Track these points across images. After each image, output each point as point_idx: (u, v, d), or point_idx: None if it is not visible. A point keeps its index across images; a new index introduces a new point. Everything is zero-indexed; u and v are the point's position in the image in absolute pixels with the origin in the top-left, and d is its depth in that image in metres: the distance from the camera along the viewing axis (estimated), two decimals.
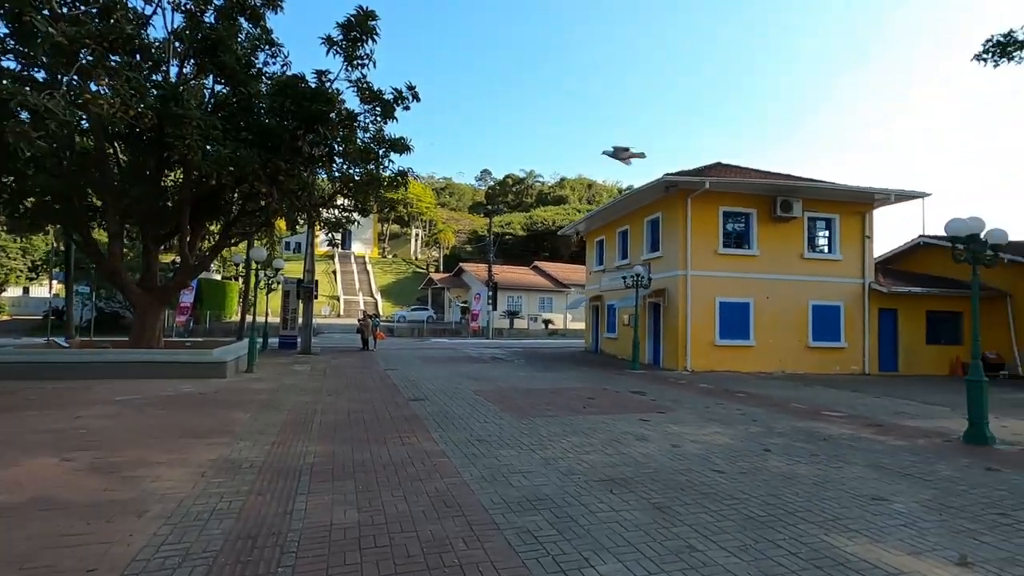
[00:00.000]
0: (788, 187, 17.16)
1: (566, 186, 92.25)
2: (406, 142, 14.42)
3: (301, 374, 14.06)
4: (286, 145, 12.80)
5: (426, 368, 16.09)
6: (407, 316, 46.27)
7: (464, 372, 15.17)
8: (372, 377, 13.73)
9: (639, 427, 8.20)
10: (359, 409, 9.20)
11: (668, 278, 17.63)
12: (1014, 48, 11.21)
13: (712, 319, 17.17)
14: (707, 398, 11.40)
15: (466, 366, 16.97)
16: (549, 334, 42.58)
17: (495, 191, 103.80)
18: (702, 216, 17.27)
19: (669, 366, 17.40)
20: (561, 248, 61.51)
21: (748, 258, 17.57)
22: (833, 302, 18.01)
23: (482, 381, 13.26)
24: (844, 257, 18.16)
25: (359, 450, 6.51)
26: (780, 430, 8.28)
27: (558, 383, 13.31)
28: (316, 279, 21.53)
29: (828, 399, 11.95)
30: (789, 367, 17.47)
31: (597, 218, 23.72)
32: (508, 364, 18.10)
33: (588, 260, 26.24)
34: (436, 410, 9.26)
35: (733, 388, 13.23)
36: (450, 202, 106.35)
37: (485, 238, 62.07)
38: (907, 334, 18.60)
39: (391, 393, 11.09)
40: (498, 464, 6.04)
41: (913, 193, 17.60)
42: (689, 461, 6.35)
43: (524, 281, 47.38)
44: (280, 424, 7.88)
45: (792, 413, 9.89)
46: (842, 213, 18.21)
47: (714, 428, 8.28)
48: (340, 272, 60.94)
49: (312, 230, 20.00)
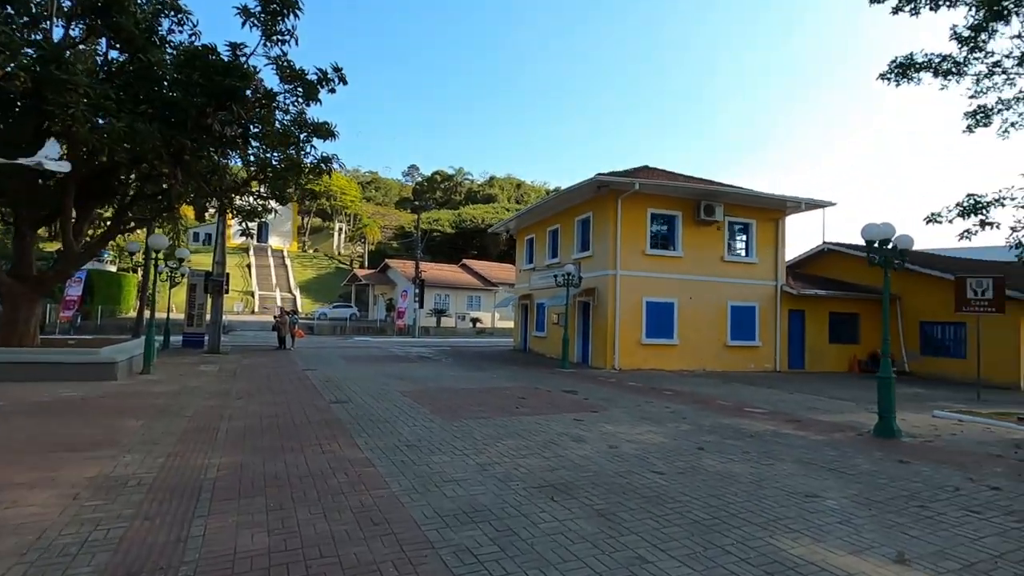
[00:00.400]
0: (712, 192, 17.84)
1: (495, 185, 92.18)
2: (331, 128, 13.51)
3: (207, 375, 12.80)
4: (193, 122, 11.54)
5: (349, 368, 15.21)
6: (329, 313, 44.21)
7: (390, 372, 14.46)
8: (289, 378, 12.74)
9: (574, 428, 8.01)
10: (273, 413, 8.37)
11: (598, 277, 17.79)
12: (913, 70, 12.15)
13: (639, 318, 17.51)
14: (637, 396, 11.48)
15: (392, 365, 16.24)
16: (477, 333, 42.21)
17: (423, 187, 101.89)
18: (631, 217, 17.56)
19: (597, 364, 17.55)
20: (490, 247, 61.32)
21: (673, 259, 18.08)
22: (749, 303, 18.93)
23: (409, 381, 12.66)
24: (760, 260, 19.15)
25: (272, 460, 5.81)
26: (709, 427, 8.39)
27: (489, 383, 12.96)
28: (227, 272, 19.88)
29: (748, 396, 12.41)
30: (709, 365, 18.15)
31: (528, 216, 23.64)
32: (436, 363, 17.53)
33: (518, 258, 26.13)
34: (360, 413, 8.61)
35: (660, 386, 13.47)
36: (376, 196, 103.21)
37: (412, 234, 60.66)
38: (813, 334, 19.91)
39: (310, 395, 10.26)
40: (430, 472, 5.58)
41: (821, 202, 18.85)
42: (628, 462, 6.19)
43: (452, 279, 46.71)
44: (179, 433, 6.96)
45: (718, 410, 10.12)
46: (758, 219, 19.18)
47: (647, 427, 8.24)
48: (256, 266, 57.34)
49: (224, 219, 18.42)
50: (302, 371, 14.12)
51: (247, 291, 51.61)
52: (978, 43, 12.03)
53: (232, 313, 44.14)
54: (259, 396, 9.95)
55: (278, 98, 12.90)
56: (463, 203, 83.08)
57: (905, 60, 12.09)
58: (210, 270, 19.38)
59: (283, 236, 71.58)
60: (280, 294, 51.02)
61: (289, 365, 15.52)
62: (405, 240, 62.46)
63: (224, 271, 18.81)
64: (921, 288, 19.58)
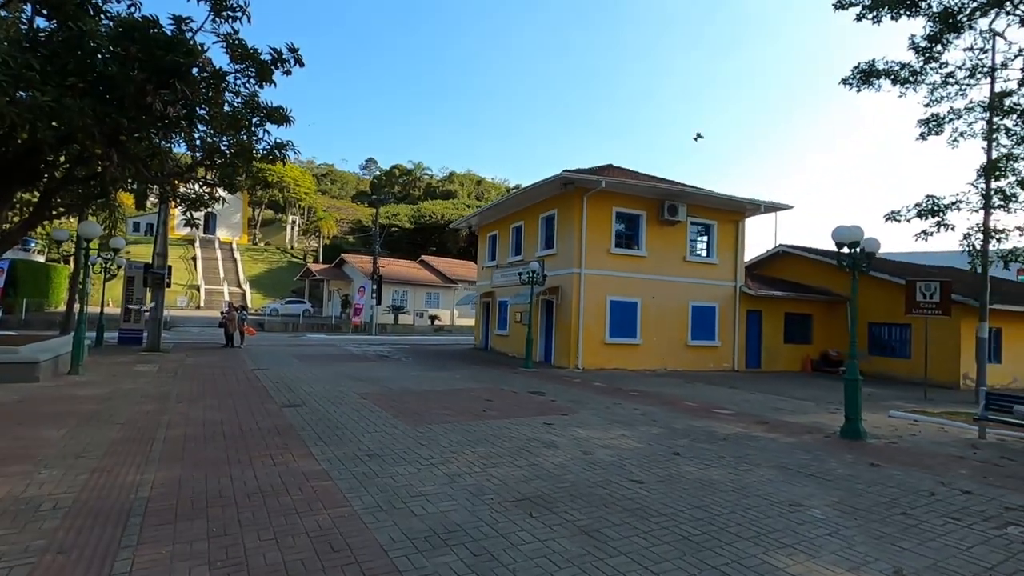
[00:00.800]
0: (676, 192, 17.90)
1: (455, 181, 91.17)
2: (285, 112, 12.66)
3: (145, 376, 11.80)
4: (131, 99, 10.52)
5: (303, 368, 14.41)
6: (280, 309, 42.48)
7: (347, 372, 13.78)
8: (237, 379, 11.90)
9: (545, 432, 7.67)
10: (218, 420, 7.67)
11: (562, 276, 17.56)
12: (875, 77, 12.42)
13: (603, 318, 17.39)
14: (604, 397, 11.27)
15: (349, 365, 15.51)
16: (435, 330, 41.49)
17: (381, 181, 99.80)
18: (597, 215, 17.41)
19: (561, 364, 17.34)
20: (449, 243, 60.52)
21: (637, 259, 18.05)
22: (709, 303, 19.14)
23: (368, 382, 12.05)
24: (720, 261, 19.39)
25: (216, 475, 5.21)
26: (682, 430, 8.22)
27: (452, 383, 12.50)
28: (170, 264, 18.59)
29: (712, 396, 12.41)
30: (671, 365, 18.24)
31: (491, 212, 23.22)
32: (396, 363, 16.90)
33: (480, 255, 25.67)
34: (316, 418, 8.01)
35: (625, 386, 13.33)
36: (332, 189, 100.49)
37: (370, 228, 59.23)
38: (769, 334, 20.34)
39: (260, 398, 9.54)
40: (395, 485, 5.12)
41: (780, 205, 19.25)
42: (605, 471, 5.90)
43: (410, 275, 45.76)
44: (107, 444, 6.21)
45: (686, 412, 10.01)
46: (719, 220, 19.41)
47: (619, 431, 8.00)
48: (202, 259, 54.58)
49: (166, 208, 17.17)
50: (251, 371, 13.26)
51: (192, 285, 49.07)
52: (933, 54, 12.40)
53: (176, 308, 41.85)
54: (202, 400, 9.16)
55: (228, 78, 12.01)
56: (422, 198, 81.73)
57: (867, 67, 12.34)
58: (150, 262, 18.05)
59: (232, 228, 68.57)
60: (228, 289, 48.74)
61: (237, 364, 14.58)
62: (362, 234, 60.96)
63: (166, 263, 17.55)
64: (870, 290, 20.28)
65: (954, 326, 17.60)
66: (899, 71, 12.33)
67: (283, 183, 71.42)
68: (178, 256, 55.53)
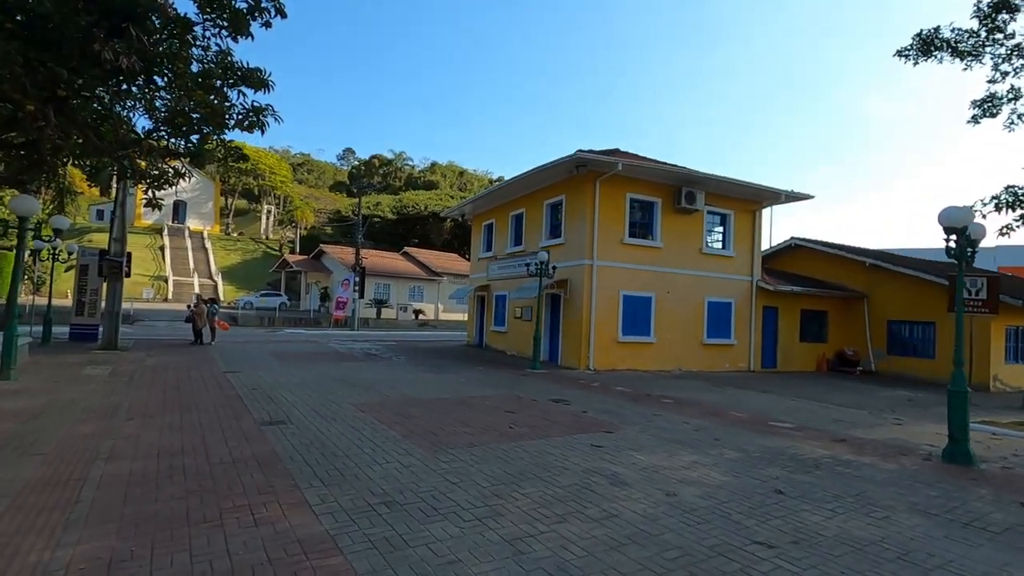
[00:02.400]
0: (694, 177, 16.43)
1: (437, 171, 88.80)
2: (263, 76, 10.81)
3: (93, 381, 9.88)
4: (74, 47, 8.60)
5: (283, 369, 12.59)
6: (255, 302, 40.14)
7: (335, 374, 12.02)
8: (205, 384, 10.06)
9: (599, 459, 6.11)
10: (177, 447, 5.91)
11: (571, 268, 16.00)
12: (935, 47, 11.10)
13: (616, 314, 15.91)
14: (638, 407, 9.76)
15: (336, 366, 13.73)
16: (420, 325, 39.68)
17: (360, 171, 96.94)
18: (610, 202, 15.89)
19: (569, 364, 15.81)
20: (432, 235, 58.55)
21: (652, 250, 16.60)
22: (726, 299, 17.82)
23: (362, 388, 10.33)
24: (736, 254, 18.07)
25: (167, 549, 3.51)
26: (757, 454, 6.74)
27: (458, 389, 10.85)
28: (129, 251, 16.49)
29: (755, 404, 11.03)
30: (685, 365, 16.88)
31: (487, 200, 21.48)
32: (387, 363, 15.16)
33: (474, 246, 23.95)
34: (306, 441, 6.31)
35: (651, 391, 11.87)
36: (308, 179, 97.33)
37: (349, 219, 56.87)
38: (785, 332, 19.14)
39: (233, 412, 7.77)
40: (436, 562, 3.49)
41: (801, 195, 17.97)
42: (709, 524, 4.36)
43: (393, 267, 43.76)
44: (15, 491, 4.44)
45: (742, 426, 8.56)
46: (736, 210, 18.08)
47: (688, 455, 6.48)
48: (171, 248, 51.64)
49: (125, 186, 15.07)
50: (223, 374, 11.41)
51: (160, 276, 46.24)
52: (997, 23, 11.12)
53: (141, 300, 39.19)
54: (160, 416, 7.35)
55: (195, 29, 10.10)
56: (403, 189, 79.27)
57: (930, 34, 11.01)
58: (106, 248, 15.93)
59: (204, 217, 65.42)
60: (199, 280, 46.04)
61: (206, 365, 12.69)
62: (341, 223, 58.52)
63: (124, 249, 15.45)
64: (888, 287, 19.26)
65: (984, 325, 16.61)
66: (962, 40, 11.03)
67: (258, 171, 68.50)
68: (144, 246, 52.53)
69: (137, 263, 47.83)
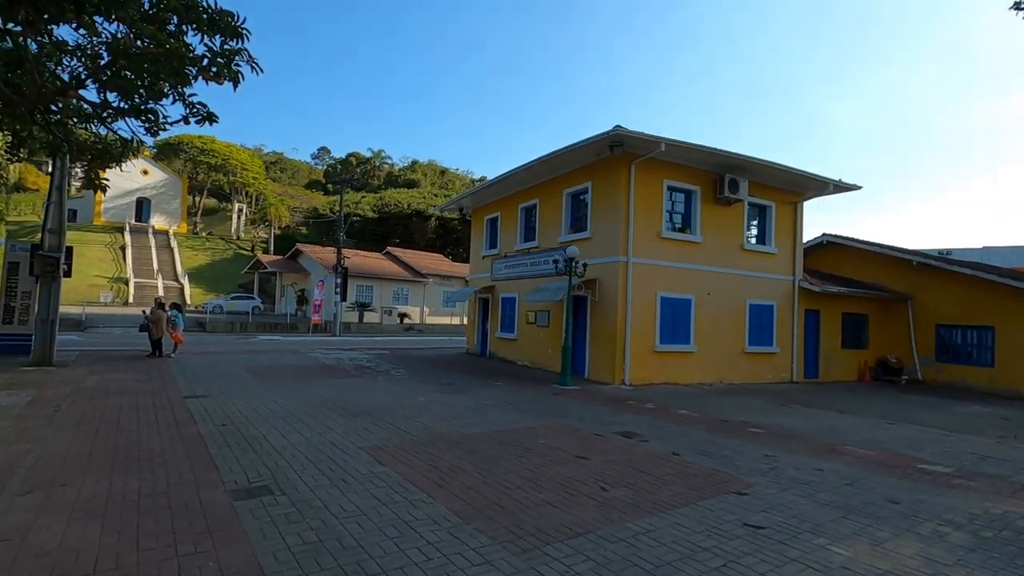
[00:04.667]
0: (739, 163, 14.33)
1: (418, 170, 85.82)
2: (236, 22, 8.28)
3: (2, 416, 7.24)
4: None
5: (262, 391, 10.05)
6: (226, 306, 36.97)
7: (328, 397, 9.54)
8: (157, 418, 7.51)
9: (780, 556, 3.86)
10: (90, 555, 3.45)
11: (601, 266, 13.77)
12: None
13: (653, 319, 13.74)
14: (730, 441, 7.56)
15: (326, 384, 11.23)
16: (405, 330, 37.07)
17: (336, 170, 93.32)
18: (646, 190, 13.73)
19: (600, 378, 13.58)
20: (416, 234, 55.84)
21: (691, 245, 14.49)
22: (767, 301, 15.82)
23: (368, 419, 7.90)
24: (779, 250, 16.10)
25: None
26: (982, 530, 4.57)
27: (489, 416, 8.50)
28: (71, 247, 13.68)
29: (855, 432, 8.94)
30: (727, 377, 14.80)
31: (491, 190, 19.07)
32: (386, 377, 12.70)
33: (474, 243, 21.57)
34: (309, 540, 3.90)
35: (720, 414, 9.71)
36: (282, 178, 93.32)
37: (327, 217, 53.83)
38: (827, 337, 17.25)
39: (193, 471, 5.28)
40: None
41: (849, 185, 16.08)
42: None
43: (376, 268, 41.01)
44: None
45: (887, 470, 6.42)
46: (777, 201, 16.12)
47: (894, 540, 4.26)
48: (132, 248, 47.87)
49: (63, 163, 12.29)
50: (182, 400, 8.83)
51: (119, 278, 42.57)
52: None
53: (98, 304, 35.66)
54: (77, 484, 4.82)
55: None
56: (382, 188, 76.22)
57: None
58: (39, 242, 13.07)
59: (170, 215, 61.44)
60: (163, 282, 42.52)
61: (163, 386, 10.06)
62: (318, 219, 55.34)
63: (62, 242, 12.64)
64: (937, 287, 17.54)
65: None
66: None
67: (228, 166, 64.79)
68: (103, 244, 48.67)
69: (94, 264, 44.06)
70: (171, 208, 62.14)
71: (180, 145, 62.93)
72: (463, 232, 58.24)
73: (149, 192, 61.07)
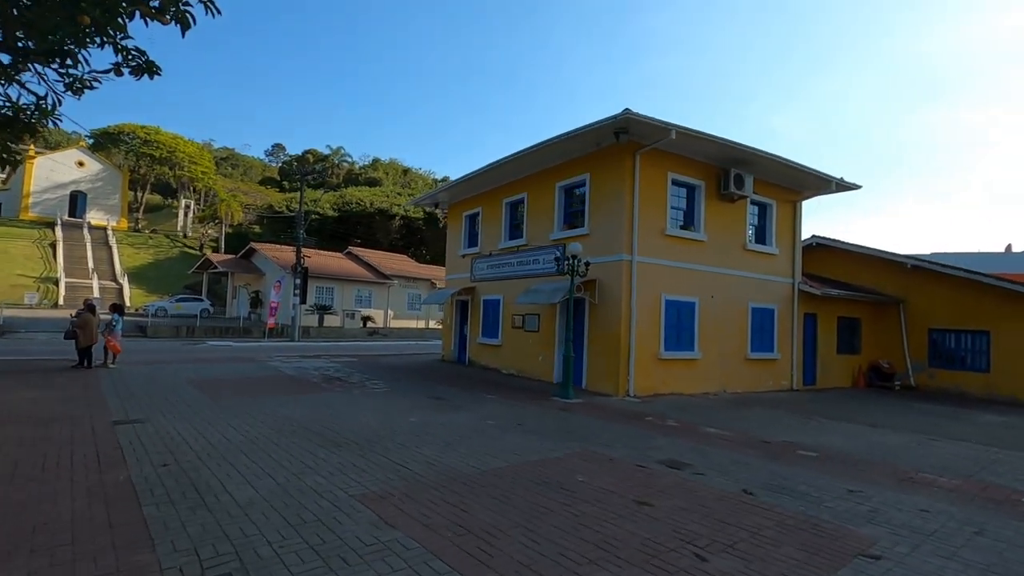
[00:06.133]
0: (747, 156, 13.37)
1: (379, 168, 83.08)
2: None
3: None
4: None
5: (215, 413, 8.27)
6: (170, 308, 33.98)
7: (299, 419, 7.87)
8: (73, 459, 5.72)
9: None
10: None
11: (602, 265, 12.52)
12: None
13: (658, 323, 12.59)
14: (789, 469, 6.39)
15: (293, 401, 9.50)
16: (369, 334, 35.05)
17: (293, 167, 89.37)
18: (650, 183, 12.59)
19: (601, 388, 12.31)
20: (379, 234, 53.56)
21: (695, 244, 13.44)
22: (769, 305, 14.97)
23: (356, 452, 6.32)
24: (780, 251, 15.29)
25: None
26: None
27: (501, 444, 7.05)
28: None
29: (904, 451, 7.95)
30: (730, 385, 13.83)
31: (472, 184, 17.48)
32: (362, 391, 11.03)
33: (451, 241, 19.99)
34: None
35: (747, 430, 8.59)
36: (234, 175, 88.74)
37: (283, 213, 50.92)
38: (823, 342, 16.59)
39: (115, 553, 3.63)
40: None
41: (851, 184, 15.40)
42: None
43: (337, 269, 38.65)
44: None
45: (993, 507, 5.36)
46: (778, 200, 15.31)
47: None
48: (64, 244, 43.77)
49: None
50: (111, 428, 7.00)
51: (49, 277, 38.70)
52: None
53: (23, 307, 32.08)
54: None
55: None
56: (342, 186, 73.24)
57: None
58: None
59: (108, 211, 56.96)
60: (99, 282, 38.88)
61: (87, 408, 8.13)
62: (273, 216, 52.32)
63: None
64: (930, 290, 17.16)
65: None
66: None
67: (175, 159, 60.70)
68: (31, 240, 44.39)
69: (18, 262, 39.93)
70: (110, 203, 57.64)
71: (120, 135, 58.56)
72: (428, 233, 56.30)
73: (85, 185, 56.46)
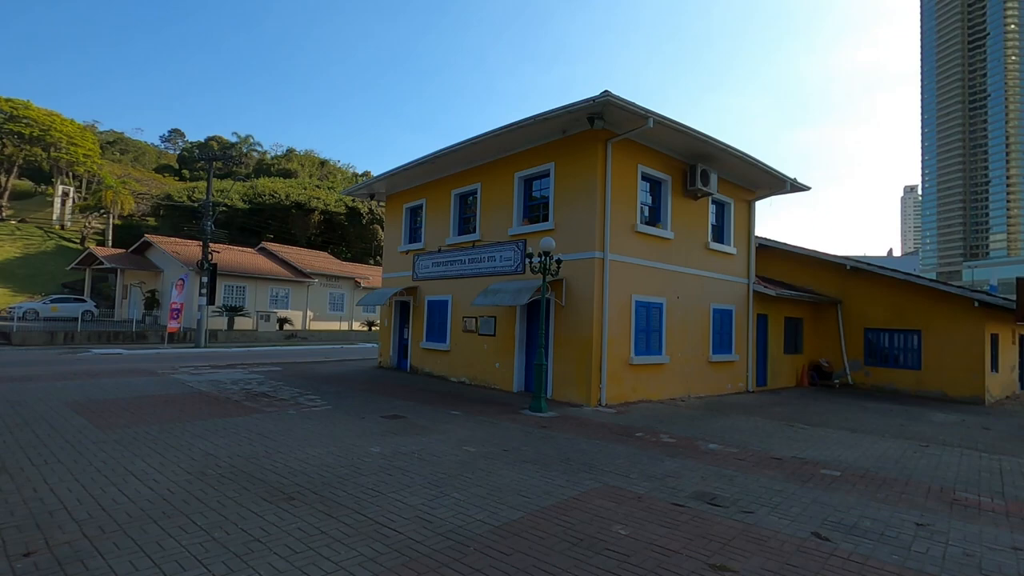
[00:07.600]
0: (712, 152, 12.82)
1: (294, 159, 77.67)
2: None
3: None
4: None
5: (105, 451, 6.25)
6: (43, 310, 29.15)
7: (228, 459, 6.08)
8: None
9: None
10: None
11: (571, 263, 11.44)
12: None
13: (628, 326, 11.73)
14: (832, 496, 5.59)
15: (214, 429, 7.56)
16: (287, 338, 32.10)
17: (194, 155, 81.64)
18: (621, 175, 11.70)
19: (570, 398, 11.24)
20: (295, 229, 49.71)
21: (663, 242, 12.73)
22: (727, 305, 14.64)
23: (319, 509, 4.74)
24: (737, 251, 15.02)
25: None
26: None
27: (504, 482, 5.72)
28: None
29: (914, 464, 7.51)
30: (694, 389, 13.30)
31: (413, 173, 15.79)
32: (300, 411, 9.20)
33: (389, 236, 18.17)
34: None
35: (749, 446, 7.84)
36: (124, 160, 79.64)
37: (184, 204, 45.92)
38: (773, 343, 16.62)
39: None
40: None
41: (803, 185, 15.41)
42: None
43: (249, 266, 35.07)
44: None
45: None
46: (735, 199, 15.05)
47: None
48: None
49: None
50: None
51: None
52: None
53: None
54: None
55: None
56: (252, 176, 67.69)
57: None
58: None
59: None
60: None
61: None
62: (171, 205, 47.08)
63: None
64: (866, 292, 17.74)
65: (977, 332, 15.46)
66: None
67: (49, 139, 53.04)
68: None
69: None
70: None
71: None
72: (352, 229, 53.10)
73: None
